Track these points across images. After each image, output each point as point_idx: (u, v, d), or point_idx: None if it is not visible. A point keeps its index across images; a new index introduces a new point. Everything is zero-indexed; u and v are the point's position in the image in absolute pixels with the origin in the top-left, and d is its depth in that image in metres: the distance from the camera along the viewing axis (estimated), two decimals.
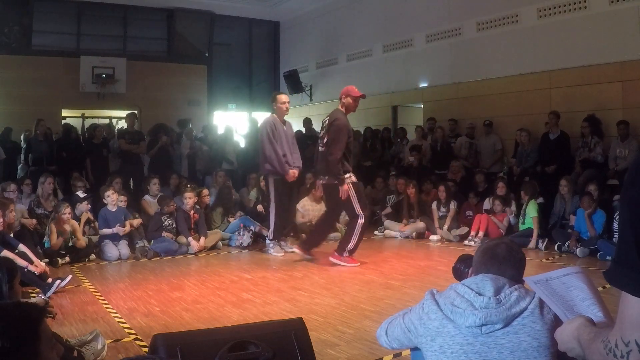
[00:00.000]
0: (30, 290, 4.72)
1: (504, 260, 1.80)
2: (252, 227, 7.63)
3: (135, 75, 12.97)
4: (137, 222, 7.10)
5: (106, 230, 6.79)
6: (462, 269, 2.15)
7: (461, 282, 1.78)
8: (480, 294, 1.69)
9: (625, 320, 0.98)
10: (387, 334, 1.93)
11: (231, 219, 7.94)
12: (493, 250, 1.83)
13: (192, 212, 7.27)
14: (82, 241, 6.50)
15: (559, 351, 1.35)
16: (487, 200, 7.86)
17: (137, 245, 6.83)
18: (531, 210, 7.22)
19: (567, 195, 7.34)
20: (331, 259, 6.16)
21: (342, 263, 6.09)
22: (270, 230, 6.93)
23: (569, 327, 1.28)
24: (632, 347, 0.97)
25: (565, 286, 1.55)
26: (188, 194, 7.25)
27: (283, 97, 6.82)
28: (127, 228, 6.88)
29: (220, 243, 7.48)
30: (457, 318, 1.68)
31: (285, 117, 6.93)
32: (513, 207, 7.62)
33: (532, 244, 7.00)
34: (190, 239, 7.06)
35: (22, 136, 10.51)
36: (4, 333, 1.25)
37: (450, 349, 1.68)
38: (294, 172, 6.69)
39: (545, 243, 7.03)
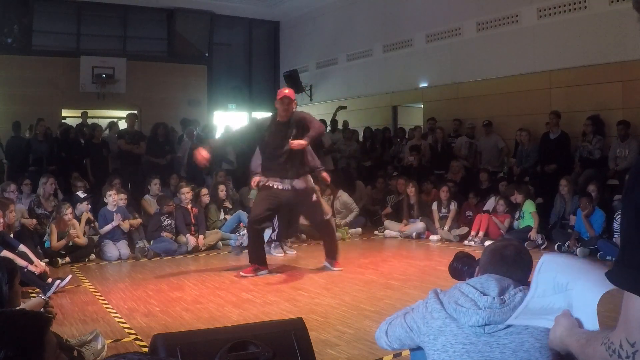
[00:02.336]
0: (30, 290, 4.71)
1: (514, 262, 1.79)
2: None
3: (135, 75, 12.96)
4: (136, 222, 7.10)
5: (107, 227, 6.79)
6: (459, 267, 2.14)
7: (466, 282, 1.78)
8: (484, 294, 1.69)
9: (631, 321, 0.97)
10: (387, 335, 1.93)
11: (227, 217, 7.96)
12: (502, 251, 1.82)
13: (189, 206, 7.27)
14: (82, 240, 6.50)
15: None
16: (491, 199, 7.83)
17: (137, 246, 6.84)
18: (529, 207, 7.25)
19: (567, 195, 7.34)
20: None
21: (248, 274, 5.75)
22: (275, 231, 6.95)
23: (554, 338, 1.30)
24: (638, 348, 0.96)
25: (541, 298, 1.51)
26: (184, 189, 7.30)
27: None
28: (127, 224, 6.90)
29: (220, 243, 7.48)
30: (461, 317, 1.68)
31: None
32: (517, 215, 7.62)
33: (532, 235, 7.01)
34: (188, 235, 7.07)
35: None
36: (9, 342, 1.24)
37: (453, 348, 1.68)
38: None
39: (545, 243, 7.06)
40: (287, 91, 5.74)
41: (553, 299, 1.38)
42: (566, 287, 1.35)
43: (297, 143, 5.42)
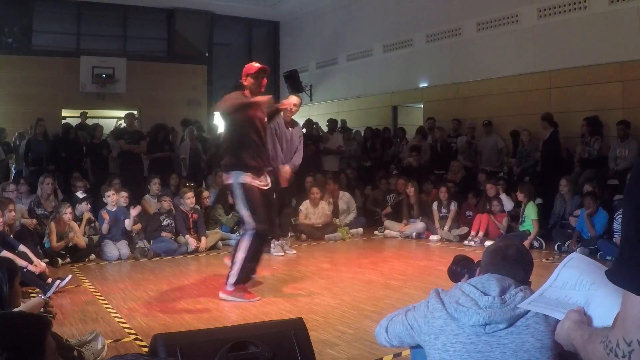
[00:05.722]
0: (30, 290, 4.71)
1: (516, 262, 1.80)
2: None
3: (135, 75, 12.97)
4: (137, 227, 7.10)
5: (127, 222, 6.82)
6: (458, 270, 2.14)
7: (467, 282, 1.79)
8: (485, 294, 1.69)
9: (628, 320, 0.98)
10: (387, 331, 1.93)
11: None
12: (504, 251, 1.83)
13: (190, 212, 7.26)
14: (82, 242, 6.50)
15: (563, 353, 1.34)
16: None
17: (137, 246, 6.83)
18: (531, 213, 7.16)
19: (567, 195, 7.34)
20: (221, 294, 4.72)
21: (231, 298, 4.65)
22: None
23: (560, 330, 1.28)
24: (634, 347, 0.96)
25: (559, 289, 1.53)
26: (188, 194, 7.25)
27: (290, 99, 6.34)
28: (132, 219, 6.89)
29: (220, 243, 7.47)
30: (461, 317, 1.68)
31: None
32: (503, 197, 7.58)
33: (527, 243, 6.98)
34: (187, 236, 7.06)
35: (15, 136, 10.53)
36: (10, 345, 1.25)
37: (453, 347, 1.68)
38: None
39: (542, 246, 7.05)
40: (257, 65, 4.80)
41: (571, 294, 1.39)
42: (589, 287, 1.35)
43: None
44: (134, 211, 6.86)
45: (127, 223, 6.86)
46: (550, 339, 1.60)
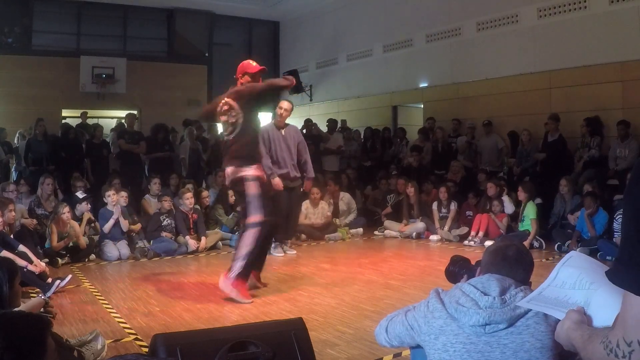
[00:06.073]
0: (30, 290, 4.71)
1: (517, 262, 1.80)
2: None
3: (135, 75, 12.97)
4: (136, 227, 7.10)
5: (110, 223, 6.77)
6: (456, 271, 2.15)
7: (467, 282, 1.79)
8: (485, 294, 1.69)
9: (628, 320, 0.97)
10: (387, 332, 1.93)
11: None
12: (504, 251, 1.83)
13: (190, 212, 7.26)
14: (83, 242, 6.50)
15: (563, 353, 1.34)
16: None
17: (137, 246, 6.83)
18: (530, 212, 7.16)
19: (567, 195, 7.34)
20: (220, 282, 4.62)
21: (228, 289, 4.54)
22: None
23: (560, 330, 1.28)
24: (634, 347, 0.96)
25: (558, 288, 1.52)
26: (187, 195, 7.25)
27: (281, 104, 6.51)
28: (126, 223, 6.87)
29: (220, 243, 7.47)
30: (462, 317, 1.68)
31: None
32: (505, 199, 7.58)
33: (526, 244, 6.96)
34: (187, 237, 7.06)
35: (16, 135, 10.54)
36: (10, 345, 1.25)
37: (453, 347, 1.68)
38: (277, 181, 6.23)
39: (542, 246, 7.03)
40: (255, 64, 4.89)
41: (570, 293, 1.38)
42: (589, 286, 1.34)
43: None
44: (116, 213, 6.83)
45: (123, 224, 6.86)
46: (550, 339, 1.60)
